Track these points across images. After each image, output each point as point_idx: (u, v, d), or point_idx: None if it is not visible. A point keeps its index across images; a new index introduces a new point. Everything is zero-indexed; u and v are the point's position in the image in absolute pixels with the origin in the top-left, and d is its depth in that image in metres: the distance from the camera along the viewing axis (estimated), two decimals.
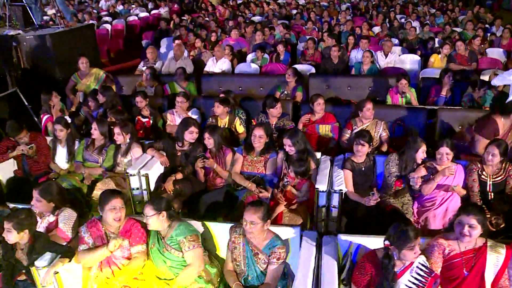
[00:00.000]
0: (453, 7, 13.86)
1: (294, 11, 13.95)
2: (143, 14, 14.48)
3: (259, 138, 4.18)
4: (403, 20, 12.29)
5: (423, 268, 2.71)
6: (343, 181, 3.83)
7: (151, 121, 5.33)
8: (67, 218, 3.31)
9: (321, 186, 3.71)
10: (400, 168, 3.93)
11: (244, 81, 6.58)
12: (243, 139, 5.06)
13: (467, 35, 9.92)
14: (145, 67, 7.06)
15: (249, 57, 8.16)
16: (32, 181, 4.48)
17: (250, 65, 7.55)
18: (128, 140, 4.46)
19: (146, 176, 4.11)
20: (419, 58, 7.96)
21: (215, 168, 4.19)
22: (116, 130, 4.42)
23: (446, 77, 5.85)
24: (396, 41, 9.42)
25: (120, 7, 15.57)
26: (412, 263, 2.71)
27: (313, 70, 7.25)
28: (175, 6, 16.12)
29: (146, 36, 11.05)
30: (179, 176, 4.16)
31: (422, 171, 3.81)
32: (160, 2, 15.93)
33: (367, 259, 2.78)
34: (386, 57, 7.68)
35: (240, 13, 13.82)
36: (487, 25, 10.99)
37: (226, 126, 5.00)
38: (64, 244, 3.16)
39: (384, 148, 4.76)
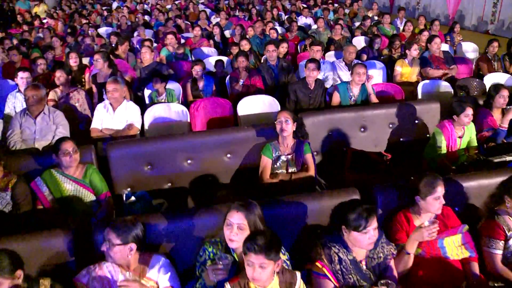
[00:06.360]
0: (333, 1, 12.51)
1: (148, 17, 10.90)
2: None
3: None
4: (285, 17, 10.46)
5: None
6: None
7: None
8: None
9: None
10: None
11: (193, 146, 3.49)
12: None
13: (385, 29, 8.44)
14: None
15: (146, 93, 4.99)
16: None
17: (169, 107, 4.42)
18: None
19: None
20: (383, 65, 5.94)
21: None
22: None
23: (498, 97, 3.92)
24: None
25: None
26: None
27: (277, 104, 4.55)
28: None
29: None
30: None
31: None
32: None
33: None
34: (350, 69, 5.39)
35: (79, 26, 10.00)
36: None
37: None
38: None
39: None
